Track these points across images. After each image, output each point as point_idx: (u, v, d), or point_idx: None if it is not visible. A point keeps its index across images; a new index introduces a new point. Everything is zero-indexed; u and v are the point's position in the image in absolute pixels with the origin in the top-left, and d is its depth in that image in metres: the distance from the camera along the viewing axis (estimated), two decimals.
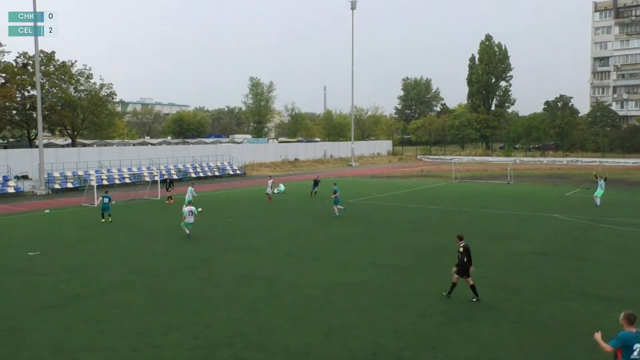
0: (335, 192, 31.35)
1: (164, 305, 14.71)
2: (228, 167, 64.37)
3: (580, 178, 52.11)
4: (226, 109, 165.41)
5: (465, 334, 12.56)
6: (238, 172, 64.01)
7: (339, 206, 31.16)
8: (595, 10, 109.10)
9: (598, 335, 8.40)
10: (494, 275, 17.81)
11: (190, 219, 24.39)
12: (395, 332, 12.69)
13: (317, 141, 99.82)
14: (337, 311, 14.21)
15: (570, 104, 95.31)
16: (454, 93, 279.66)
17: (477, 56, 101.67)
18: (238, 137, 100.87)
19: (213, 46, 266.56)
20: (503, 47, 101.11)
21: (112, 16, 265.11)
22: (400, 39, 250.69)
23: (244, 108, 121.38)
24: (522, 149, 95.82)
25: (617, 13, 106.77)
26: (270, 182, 38.98)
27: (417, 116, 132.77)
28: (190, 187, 33.80)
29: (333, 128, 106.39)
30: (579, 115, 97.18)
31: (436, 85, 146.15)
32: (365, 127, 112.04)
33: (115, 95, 67.55)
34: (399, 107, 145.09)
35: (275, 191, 43.52)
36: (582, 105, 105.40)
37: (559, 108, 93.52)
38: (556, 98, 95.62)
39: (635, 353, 8.16)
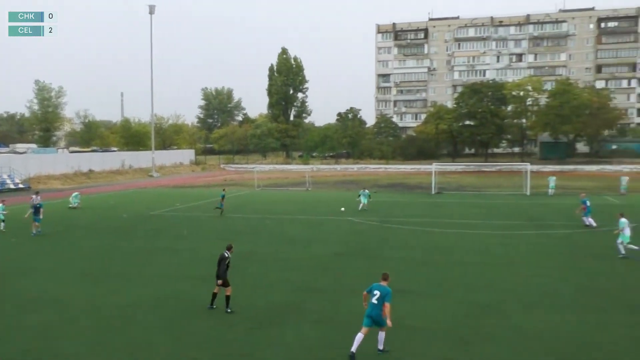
0: (39, 207, 28.89)
1: None
2: (8, 181, 57.21)
3: (369, 183, 57.25)
4: (5, 115, 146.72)
5: (271, 338, 13.02)
6: (21, 185, 57.26)
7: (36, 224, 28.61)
8: (378, 32, 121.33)
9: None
10: (296, 277, 18.80)
11: None
12: (203, 344, 12.63)
13: (114, 151, 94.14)
14: (141, 329, 13.66)
15: (359, 115, 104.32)
16: (256, 103, 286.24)
17: (276, 67, 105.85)
18: (20, 146, 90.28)
19: None
20: (299, 60, 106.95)
21: None
22: (202, 47, 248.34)
23: (27, 114, 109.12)
24: (319, 157, 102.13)
25: (395, 35, 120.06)
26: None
27: (219, 125, 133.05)
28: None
29: (132, 137, 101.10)
30: (367, 126, 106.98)
31: (238, 95, 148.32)
32: (167, 135, 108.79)
33: None
34: (201, 116, 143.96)
35: (72, 204, 39.80)
36: (370, 117, 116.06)
37: (350, 119, 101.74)
38: (347, 110, 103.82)
39: (374, 298, 11.68)
